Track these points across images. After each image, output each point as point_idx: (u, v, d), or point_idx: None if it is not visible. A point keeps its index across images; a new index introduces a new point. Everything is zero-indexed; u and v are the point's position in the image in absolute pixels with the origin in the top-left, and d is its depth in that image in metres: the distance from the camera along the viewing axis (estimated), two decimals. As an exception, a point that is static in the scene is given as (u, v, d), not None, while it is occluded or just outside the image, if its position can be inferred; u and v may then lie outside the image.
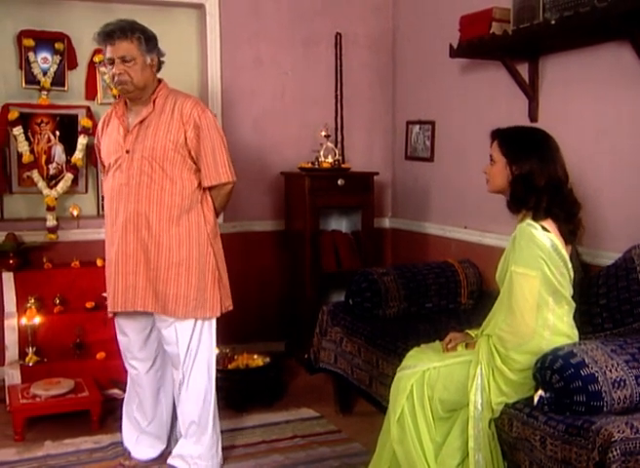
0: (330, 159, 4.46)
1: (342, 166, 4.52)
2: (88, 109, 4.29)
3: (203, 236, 2.93)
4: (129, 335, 3.08)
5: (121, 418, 3.25)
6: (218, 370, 3.72)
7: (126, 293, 2.91)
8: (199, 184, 2.93)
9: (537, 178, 2.45)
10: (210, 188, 2.96)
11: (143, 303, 2.90)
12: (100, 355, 3.86)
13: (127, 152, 2.89)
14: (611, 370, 2.23)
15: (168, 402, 3.17)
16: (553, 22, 3.03)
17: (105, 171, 3.04)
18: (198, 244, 2.92)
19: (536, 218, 2.43)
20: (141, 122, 2.89)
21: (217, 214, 3.04)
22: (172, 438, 3.23)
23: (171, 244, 2.88)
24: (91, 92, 4.42)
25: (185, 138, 2.88)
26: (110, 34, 2.84)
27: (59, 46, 4.28)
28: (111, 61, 2.86)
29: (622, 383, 2.21)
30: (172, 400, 3.15)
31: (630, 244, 3.01)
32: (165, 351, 3.07)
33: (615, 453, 2.05)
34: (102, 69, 4.38)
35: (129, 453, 3.19)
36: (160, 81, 2.99)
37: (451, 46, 3.74)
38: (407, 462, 2.57)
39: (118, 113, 2.97)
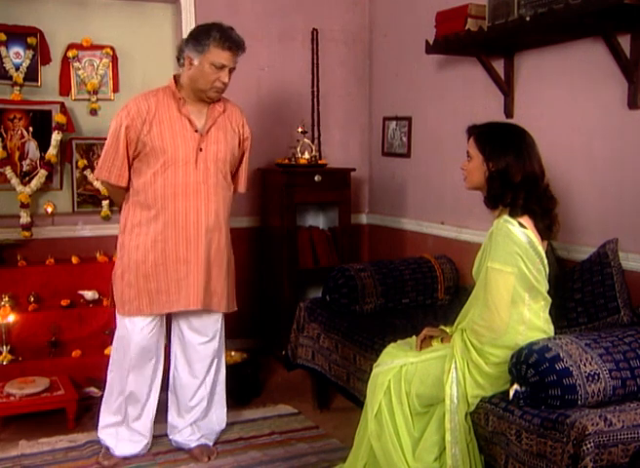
0: (307, 155, 4.46)
1: (319, 162, 4.52)
2: (62, 105, 4.23)
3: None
4: (154, 331, 3.06)
5: (98, 415, 3.23)
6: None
7: (199, 292, 2.99)
8: None
9: (513, 174, 2.46)
10: None
11: (210, 301, 3.04)
12: (76, 353, 3.83)
13: (200, 150, 2.93)
14: (585, 364, 2.25)
15: (156, 397, 3.17)
16: (528, 19, 3.05)
17: (161, 164, 2.91)
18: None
19: (513, 215, 2.44)
20: (214, 123, 2.99)
21: None
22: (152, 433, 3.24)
23: (224, 243, 3.08)
24: (65, 87, 4.38)
25: (236, 146, 3.09)
26: (240, 46, 2.92)
27: (31, 41, 4.22)
28: (222, 67, 2.88)
29: (596, 377, 2.24)
30: (158, 395, 3.17)
31: (604, 239, 3.05)
32: (158, 346, 3.12)
33: (589, 446, 2.07)
34: (76, 65, 4.35)
35: (109, 450, 3.16)
36: None
37: (427, 42, 3.76)
38: (384, 457, 2.58)
39: (181, 108, 2.95)
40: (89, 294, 4.07)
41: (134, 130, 2.90)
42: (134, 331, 3.03)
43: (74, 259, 4.15)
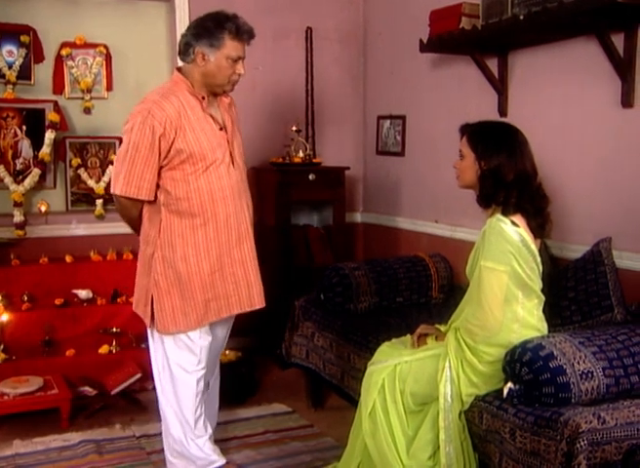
0: (301, 154, 4.46)
1: (314, 160, 4.52)
2: (55, 104, 4.22)
3: None
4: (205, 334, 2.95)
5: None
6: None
7: (260, 290, 2.96)
8: None
9: (505, 173, 2.46)
10: None
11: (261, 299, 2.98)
12: (70, 352, 3.82)
13: (232, 149, 2.86)
14: (579, 363, 2.26)
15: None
16: (522, 18, 3.05)
17: (203, 169, 2.73)
18: None
19: (505, 213, 2.44)
20: (229, 118, 2.89)
21: None
22: None
23: None
24: (58, 86, 4.36)
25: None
26: (253, 34, 2.81)
27: (24, 39, 4.21)
28: (237, 59, 2.77)
29: (590, 375, 2.24)
30: None
31: (597, 237, 3.06)
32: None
33: (582, 444, 2.07)
34: (70, 63, 4.34)
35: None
36: None
37: (421, 41, 3.76)
38: (379, 456, 2.59)
39: (204, 106, 2.79)
40: (83, 293, 4.06)
41: (166, 139, 2.67)
42: (197, 340, 2.83)
43: (68, 258, 4.14)
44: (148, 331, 2.93)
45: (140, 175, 2.69)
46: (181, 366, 2.85)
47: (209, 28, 2.73)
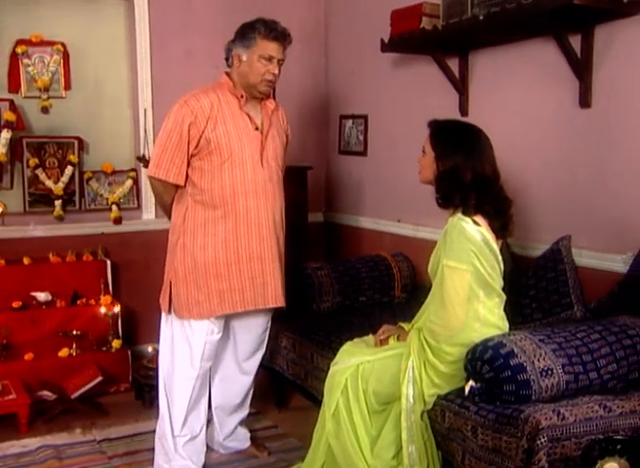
0: (263, 153, 4.43)
1: (276, 160, 4.50)
2: (11, 102, 4.13)
3: None
4: (219, 332, 3.01)
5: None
6: (148, 369, 3.69)
7: (277, 288, 2.99)
8: None
9: (462, 175, 2.45)
10: None
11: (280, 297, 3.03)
12: (29, 356, 3.75)
13: (263, 148, 2.92)
14: (539, 360, 2.28)
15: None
16: (481, 18, 3.07)
17: (229, 162, 2.85)
18: None
19: (466, 214, 2.45)
20: (270, 122, 2.97)
21: None
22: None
23: (284, 239, 3.11)
24: (14, 84, 4.26)
25: (284, 143, 3.13)
26: (286, 36, 2.95)
27: (-23, 36, 4.12)
28: (270, 59, 2.88)
29: (550, 372, 2.26)
30: None
31: (558, 235, 3.10)
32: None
33: (542, 440, 2.09)
34: (26, 61, 4.25)
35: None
36: None
37: (382, 40, 3.76)
38: (343, 456, 2.58)
39: (242, 105, 2.90)
40: (42, 296, 3.99)
41: (196, 127, 2.82)
42: (201, 334, 2.91)
43: (26, 260, 4.06)
44: (163, 317, 3.02)
45: (170, 160, 2.85)
46: (189, 356, 2.93)
47: (243, 31, 2.93)
